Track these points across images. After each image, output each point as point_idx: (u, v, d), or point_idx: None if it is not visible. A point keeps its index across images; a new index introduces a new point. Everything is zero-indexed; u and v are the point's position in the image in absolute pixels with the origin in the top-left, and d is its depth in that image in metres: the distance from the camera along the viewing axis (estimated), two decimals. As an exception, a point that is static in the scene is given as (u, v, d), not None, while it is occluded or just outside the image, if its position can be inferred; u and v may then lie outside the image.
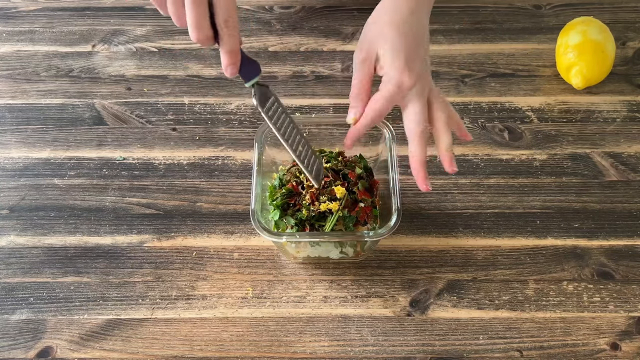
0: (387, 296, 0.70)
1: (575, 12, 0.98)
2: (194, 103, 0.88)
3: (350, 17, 0.99)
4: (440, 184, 0.79)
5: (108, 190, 0.79)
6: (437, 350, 0.66)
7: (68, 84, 0.91)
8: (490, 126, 0.85)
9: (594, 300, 0.69)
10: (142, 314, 0.69)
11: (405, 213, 0.74)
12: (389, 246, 0.74)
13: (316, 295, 0.70)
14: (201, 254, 0.74)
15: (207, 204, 0.78)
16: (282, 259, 0.73)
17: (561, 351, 0.66)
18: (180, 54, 0.94)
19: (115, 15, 1.00)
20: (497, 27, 0.97)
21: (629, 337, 0.67)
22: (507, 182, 0.79)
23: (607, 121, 0.85)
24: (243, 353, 0.67)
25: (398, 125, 0.85)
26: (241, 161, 0.82)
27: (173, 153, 0.83)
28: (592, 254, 0.73)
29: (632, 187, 0.78)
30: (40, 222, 0.77)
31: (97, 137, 0.85)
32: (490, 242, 0.74)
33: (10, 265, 0.73)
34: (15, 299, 0.71)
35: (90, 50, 0.95)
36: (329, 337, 0.67)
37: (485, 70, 0.91)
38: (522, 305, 0.69)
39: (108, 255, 0.74)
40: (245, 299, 0.70)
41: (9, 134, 0.85)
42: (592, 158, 0.81)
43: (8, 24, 0.99)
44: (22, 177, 0.81)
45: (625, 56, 0.92)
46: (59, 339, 0.68)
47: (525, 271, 0.72)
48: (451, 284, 0.71)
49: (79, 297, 0.71)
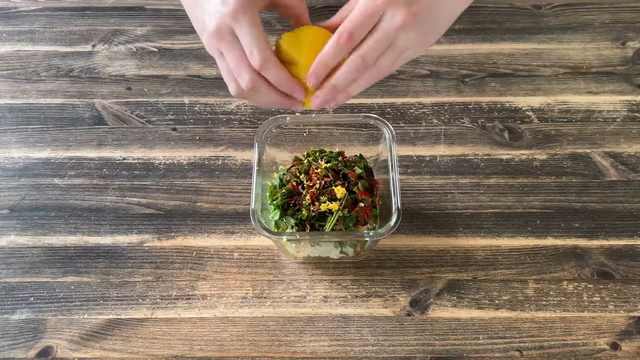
0: (387, 296, 0.70)
1: (575, 12, 0.98)
2: (194, 103, 0.88)
3: (350, 17, 0.99)
4: (440, 184, 0.79)
5: (108, 190, 0.79)
6: (437, 350, 0.66)
7: (68, 84, 0.91)
8: (490, 126, 0.85)
9: (594, 300, 0.69)
10: (142, 313, 0.69)
11: (405, 213, 0.74)
12: (389, 246, 0.74)
13: (316, 295, 0.70)
14: (201, 253, 0.74)
15: (207, 203, 0.78)
16: (282, 259, 0.73)
17: (561, 351, 0.66)
18: (181, 54, 0.94)
19: (116, 15, 1.00)
20: (497, 27, 0.97)
21: (629, 337, 0.67)
22: (507, 182, 0.79)
23: (607, 121, 0.85)
24: (243, 353, 0.67)
25: (398, 125, 0.85)
26: (241, 161, 0.82)
27: (173, 153, 0.83)
28: (592, 253, 0.73)
29: (632, 187, 0.78)
30: (41, 222, 0.77)
31: (97, 137, 0.85)
32: (490, 242, 0.74)
33: (10, 265, 0.73)
34: (15, 299, 0.71)
35: (90, 50, 0.95)
36: (329, 337, 0.67)
37: (485, 70, 0.91)
38: (522, 305, 0.69)
39: (108, 255, 0.74)
40: (246, 299, 0.70)
41: (9, 134, 0.85)
42: (592, 158, 0.81)
43: (8, 24, 0.99)
44: (23, 177, 0.81)
45: (625, 56, 0.92)
46: (59, 338, 0.68)
47: (525, 271, 0.72)
48: (451, 284, 0.71)
49: (79, 296, 0.71)
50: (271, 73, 0.53)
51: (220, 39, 0.53)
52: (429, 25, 0.54)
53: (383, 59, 0.54)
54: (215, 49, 0.54)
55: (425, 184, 0.79)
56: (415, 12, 0.51)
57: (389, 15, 0.52)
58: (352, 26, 0.52)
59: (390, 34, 0.52)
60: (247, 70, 0.53)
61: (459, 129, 0.84)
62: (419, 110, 0.87)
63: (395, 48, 0.53)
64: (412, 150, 0.82)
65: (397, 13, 0.51)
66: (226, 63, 0.55)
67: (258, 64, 0.53)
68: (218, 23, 0.53)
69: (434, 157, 0.82)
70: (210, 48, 0.55)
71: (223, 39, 0.53)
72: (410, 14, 0.51)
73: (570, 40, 0.94)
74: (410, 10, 0.51)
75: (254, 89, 0.54)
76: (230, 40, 0.53)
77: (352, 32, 0.52)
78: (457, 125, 0.85)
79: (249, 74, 0.53)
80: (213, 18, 0.53)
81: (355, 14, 0.52)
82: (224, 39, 0.53)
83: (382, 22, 0.52)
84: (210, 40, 0.54)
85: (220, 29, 0.53)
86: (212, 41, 0.54)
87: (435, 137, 0.84)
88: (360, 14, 0.51)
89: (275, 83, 0.54)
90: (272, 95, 0.55)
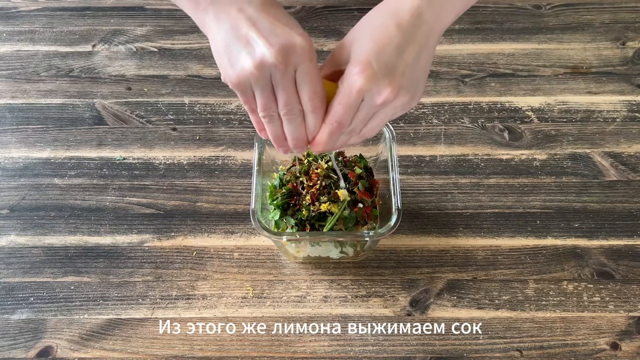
0: (387, 296, 0.70)
1: (575, 12, 0.98)
2: (194, 103, 0.88)
3: (350, 17, 0.99)
4: (440, 184, 0.79)
5: (108, 190, 0.79)
6: (437, 350, 0.66)
7: (68, 84, 0.91)
8: (490, 126, 0.85)
9: (594, 300, 0.69)
10: (142, 313, 0.69)
11: (405, 213, 0.74)
12: (389, 246, 0.74)
13: (316, 295, 0.70)
14: (201, 253, 0.74)
15: (207, 203, 0.78)
16: (282, 259, 0.73)
17: (561, 351, 0.66)
18: (181, 54, 0.94)
19: (116, 15, 1.00)
20: (497, 27, 0.97)
21: (629, 336, 0.67)
22: (507, 182, 0.79)
23: (607, 121, 0.85)
24: (243, 353, 0.67)
25: (398, 125, 0.85)
26: (241, 161, 0.82)
27: (173, 153, 0.83)
28: (592, 253, 0.73)
29: (632, 187, 0.78)
30: (41, 221, 0.77)
31: (97, 137, 0.85)
32: (490, 242, 0.74)
33: (10, 265, 0.73)
34: (15, 299, 0.71)
35: (90, 50, 0.95)
36: (329, 337, 0.67)
37: (485, 70, 0.91)
38: (522, 305, 0.69)
39: (108, 255, 0.74)
40: (246, 299, 0.70)
41: (9, 134, 0.85)
42: (592, 158, 0.81)
43: (8, 24, 0.99)
44: (23, 177, 0.81)
45: (625, 56, 0.92)
46: (59, 338, 0.68)
47: (525, 271, 0.72)
48: (451, 284, 0.71)
49: (79, 296, 0.71)
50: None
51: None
52: (413, 88, 0.53)
53: (370, 124, 0.55)
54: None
55: (425, 184, 0.79)
56: (397, 86, 0.51)
57: (371, 95, 0.51)
58: (339, 116, 0.52)
59: (375, 109, 0.53)
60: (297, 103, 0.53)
61: (458, 129, 0.84)
62: (419, 110, 0.87)
63: (381, 115, 0.54)
64: (412, 150, 0.82)
65: (379, 92, 0.51)
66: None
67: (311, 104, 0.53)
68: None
69: (434, 157, 0.82)
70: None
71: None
72: (392, 90, 0.51)
73: (570, 40, 0.94)
74: (392, 86, 0.51)
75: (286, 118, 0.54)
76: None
77: (340, 121, 0.53)
78: (457, 125, 0.85)
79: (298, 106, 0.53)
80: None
81: (337, 106, 0.52)
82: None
83: (366, 100, 0.52)
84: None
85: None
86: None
87: (435, 137, 0.84)
88: (342, 106, 0.52)
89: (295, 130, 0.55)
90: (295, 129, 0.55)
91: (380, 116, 0.54)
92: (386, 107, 0.53)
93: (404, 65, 0.52)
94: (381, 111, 0.53)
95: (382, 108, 0.53)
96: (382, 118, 0.54)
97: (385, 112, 0.53)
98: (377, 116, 0.54)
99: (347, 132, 0.55)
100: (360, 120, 0.54)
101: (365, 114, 0.53)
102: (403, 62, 0.52)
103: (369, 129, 0.55)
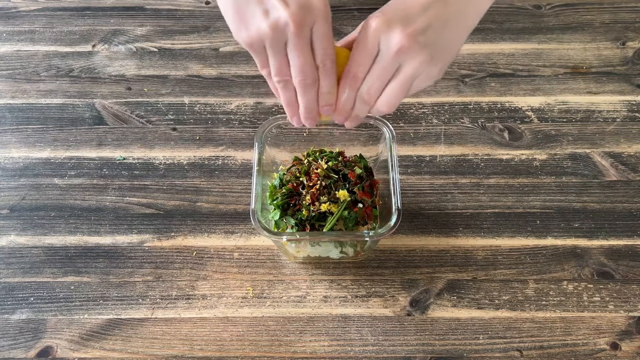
0: (387, 296, 0.70)
1: (575, 12, 0.98)
2: (194, 103, 0.88)
3: (350, 17, 0.99)
4: (440, 184, 0.79)
5: (108, 190, 0.79)
6: (437, 350, 0.66)
7: (68, 84, 0.91)
8: (490, 126, 0.85)
9: (594, 300, 0.69)
10: (142, 313, 0.69)
11: (405, 213, 0.74)
12: (389, 246, 0.74)
13: (316, 295, 0.70)
14: (201, 253, 0.74)
15: (207, 203, 0.78)
16: (282, 259, 0.73)
17: (561, 351, 0.66)
18: (181, 54, 0.94)
19: (115, 15, 1.00)
20: (497, 27, 0.97)
21: (629, 337, 0.67)
22: (507, 182, 0.79)
23: (607, 121, 0.85)
24: (243, 353, 0.67)
25: (398, 125, 0.85)
26: (241, 161, 0.82)
27: (173, 153, 0.83)
28: (592, 253, 0.73)
29: (632, 187, 0.78)
30: (41, 222, 0.77)
31: (97, 137, 0.85)
32: (490, 242, 0.74)
33: (10, 265, 0.73)
34: (15, 299, 0.71)
35: (90, 50, 0.95)
36: (329, 337, 0.67)
37: (485, 70, 0.91)
38: (522, 305, 0.69)
39: (108, 255, 0.74)
40: (246, 299, 0.70)
41: (9, 134, 0.85)
42: (592, 158, 0.81)
43: (8, 24, 0.99)
44: (23, 177, 0.81)
45: (625, 56, 0.92)
46: (59, 338, 0.68)
47: (525, 271, 0.72)
48: (451, 284, 0.71)
49: (79, 296, 0.71)
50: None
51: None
52: (432, 47, 0.49)
53: (387, 91, 0.52)
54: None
55: (425, 184, 0.79)
56: (412, 33, 0.48)
57: (384, 41, 0.49)
58: (354, 66, 0.51)
59: (390, 61, 0.50)
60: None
61: (458, 129, 0.84)
62: (419, 110, 0.87)
63: (400, 76, 0.51)
64: (412, 150, 0.82)
65: (391, 37, 0.49)
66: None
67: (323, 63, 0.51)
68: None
69: (434, 157, 0.82)
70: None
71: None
72: (406, 36, 0.48)
73: (570, 40, 0.94)
74: (406, 31, 0.48)
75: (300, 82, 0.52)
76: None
77: (355, 73, 0.51)
78: (457, 125, 0.85)
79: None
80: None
81: (354, 52, 0.51)
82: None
83: (382, 49, 0.50)
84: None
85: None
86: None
87: (435, 137, 0.84)
88: (358, 50, 0.50)
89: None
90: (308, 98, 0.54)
91: (397, 82, 0.51)
92: (404, 65, 0.50)
93: (426, 21, 0.49)
94: (398, 76, 0.50)
95: (399, 65, 0.50)
96: (398, 85, 0.51)
97: (402, 78, 0.50)
98: (394, 81, 0.51)
99: (363, 93, 0.52)
100: (377, 76, 0.51)
101: (381, 69, 0.50)
102: (425, 18, 0.49)
103: (384, 100, 0.52)
